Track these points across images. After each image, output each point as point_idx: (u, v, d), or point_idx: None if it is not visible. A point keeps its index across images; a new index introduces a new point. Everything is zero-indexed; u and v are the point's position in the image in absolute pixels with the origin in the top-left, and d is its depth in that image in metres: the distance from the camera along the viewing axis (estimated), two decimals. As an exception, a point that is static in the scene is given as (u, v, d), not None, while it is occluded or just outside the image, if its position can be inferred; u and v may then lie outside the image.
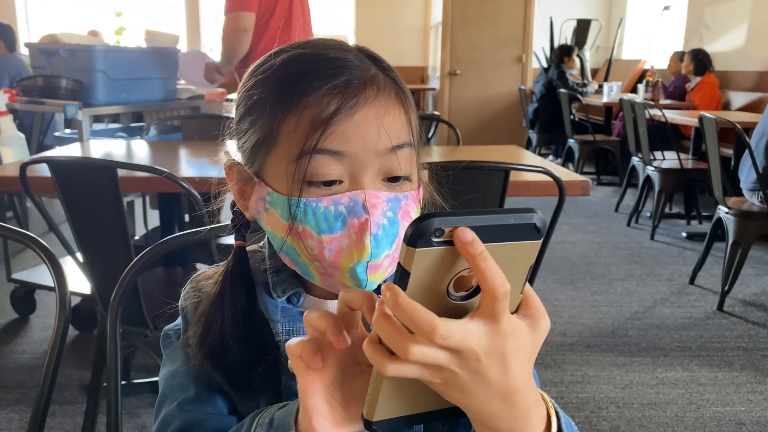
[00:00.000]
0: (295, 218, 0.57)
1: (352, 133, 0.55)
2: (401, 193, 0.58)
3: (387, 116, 0.56)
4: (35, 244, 0.92)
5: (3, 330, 2.61)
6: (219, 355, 0.62)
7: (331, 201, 0.56)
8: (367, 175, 0.57)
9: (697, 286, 3.16)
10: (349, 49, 0.59)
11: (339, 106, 0.55)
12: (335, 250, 0.57)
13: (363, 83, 0.56)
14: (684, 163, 3.95)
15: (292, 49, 0.59)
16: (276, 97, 0.57)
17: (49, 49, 2.80)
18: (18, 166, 1.71)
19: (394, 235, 0.57)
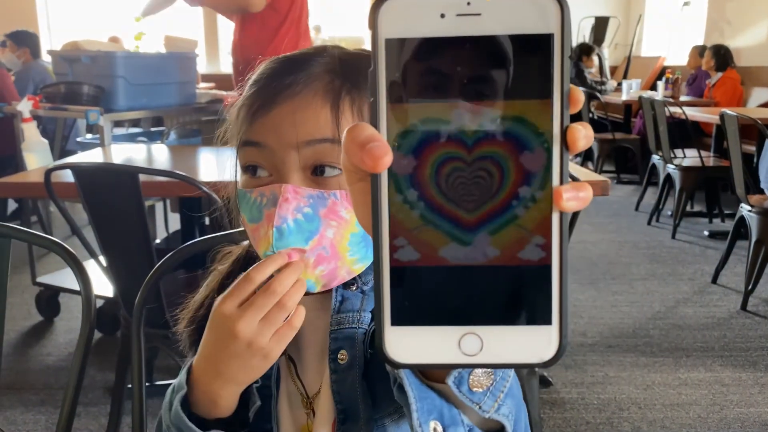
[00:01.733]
0: (240, 205, 0.62)
1: (267, 126, 0.59)
2: (328, 192, 0.59)
3: (304, 111, 0.59)
4: (61, 248, 0.94)
5: (29, 333, 2.65)
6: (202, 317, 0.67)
7: (258, 192, 0.60)
8: (289, 169, 0.59)
9: (719, 286, 3.12)
10: (320, 53, 0.62)
11: (262, 103, 0.59)
12: (257, 238, 0.61)
13: (291, 82, 0.59)
14: (705, 160, 3.90)
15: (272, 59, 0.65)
16: (240, 105, 0.63)
17: (71, 56, 2.84)
18: (42, 172, 1.75)
19: (311, 232, 0.59)
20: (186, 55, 3.18)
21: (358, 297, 0.65)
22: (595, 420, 1.99)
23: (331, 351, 0.63)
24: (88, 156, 2.36)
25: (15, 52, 4.44)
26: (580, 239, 3.87)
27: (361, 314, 0.64)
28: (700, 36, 6.23)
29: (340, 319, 0.64)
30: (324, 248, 0.59)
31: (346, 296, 0.65)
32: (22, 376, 2.27)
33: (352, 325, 0.64)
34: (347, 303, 0.65)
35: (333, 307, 0.64)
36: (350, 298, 0.65)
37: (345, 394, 0.63)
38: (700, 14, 6.36)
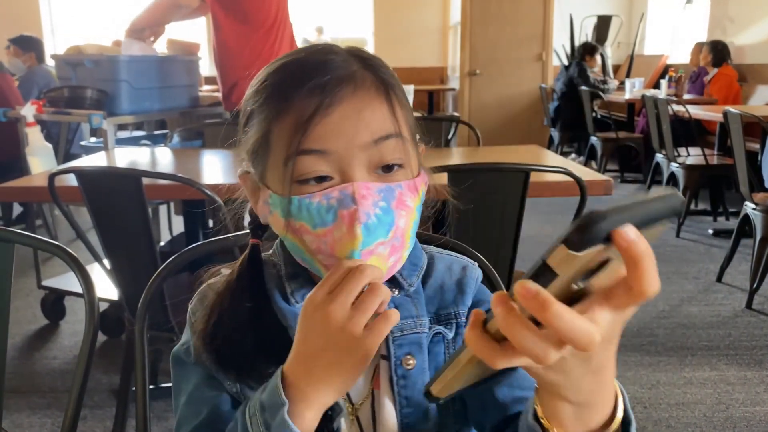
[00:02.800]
0: (291, 215, 0.59)
1: (331, 132, 0.57)
2: (394, 183, 0.60)
3: (366, 110, 0.58)
4: (64, 253, 0.95)
5: (34, 336, 2.66)
6: (219, 341, 0.63)
7: (323, 195, 0.58)
8: (355, 169, 0.58)
9: (724, 284, 3.12)
10: (334, 50, 0.61)
11: (316, 107, 0.57)
12: (329, 241, 0.59)
13: (339, 81, 0.58)
14: (709, 158, 3.89)
15: (280, 60, 0.63)
16: (262, 108, 0.61)
17: (74, 60, 2.85)
18: (46, 176, 1.75)
19: (389, 224, 0.59)
20: (189, 59, 3.19)
21: (408, 301, 0.67)
22: (600, 420, 1.98)
23: (396, 357, 0.65)
24: (92, 160, 2.36)
25: (20, 57, 4.46)
26: (584, 239, 3.86)
27: (421, 319, 0.66)
28: (703, 34, 6.21)
29: (401, 325, 0.65)
30: (397, 238, 0.60)
31: (397, 303, 0.66)
32: (27, 380, 2.28)
33: (415, 330, 0.66)
34: (402, 309, 0.66)
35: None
36: (402, 303, 0.67)
37: (414, 400, 0.64)
38: (703, 12, 6.35)
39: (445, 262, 0.72)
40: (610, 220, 0.37)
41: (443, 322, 0.69)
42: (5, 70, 4.05)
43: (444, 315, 0.69)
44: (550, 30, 7.02)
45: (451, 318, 0.69)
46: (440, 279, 0.70)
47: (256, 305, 0.65)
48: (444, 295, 0.70)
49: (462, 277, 0.71)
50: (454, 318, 0.69)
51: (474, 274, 0.72)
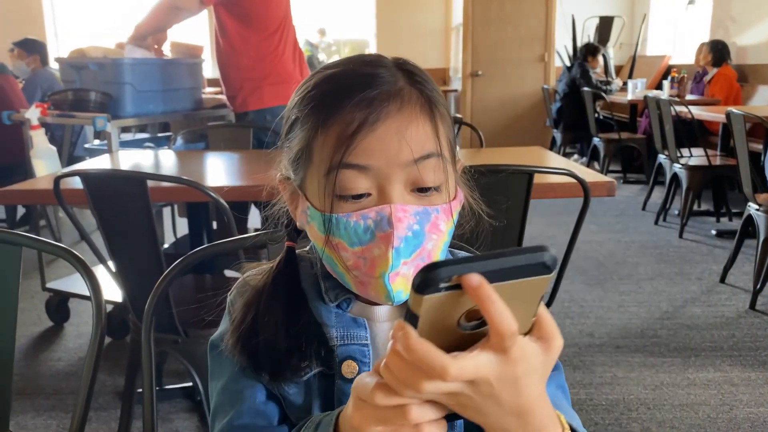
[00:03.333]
0: (330, 232, 0.60)
1: (374, 147, 0.57)
2: (431, 207, 0.60)
3: (410, 129, 0.58)
4: (71, 255, 0.95)
5: (39, 338, 2.67)
6: (253, 345, 0.64)
7: (360, 215, 0.59)
8: (394, 188, 0.59)
9: (728, 285, 3.11)
10: (383, 63, 0.61)
11: (361, 122, 0.57)
12: (369, 259, 0.60)
13: (386, 98, 0.58)
14: (712, 159, 3.89)
15: (327, 69, 0.63)
16: (308, 117, 0.61)
17: (78, 63, 2.86)
18: (51, 179, 1.76)
19: (415, 245, 0.60)
20: (192, 61, 3.20)
21: None
22: (604, 421, 1.99)
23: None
24: (96, 162, 2.37)
25: (24, 60, 4.47)
26: (587, 239, 3.87)
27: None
28: (706, 34, 6.21)
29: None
30: (422, 258, 0.61)
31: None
32: (32, 382, 2.29)
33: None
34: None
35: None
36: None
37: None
38: (705, 12, 6.34)
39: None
40: (451, 268, 0.40)
41: None
42: (9, 73, 4.06)
43: None
44: (552, 31, 7.03)
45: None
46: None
47: (291, 307, 0.66)
48: None
49: None
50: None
51: None
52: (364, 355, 0.65)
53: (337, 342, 0.65)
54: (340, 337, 0.65)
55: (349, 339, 0.65)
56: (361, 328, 0.66)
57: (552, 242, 3.87)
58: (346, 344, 0.65)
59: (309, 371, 0.64)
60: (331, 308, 0.66)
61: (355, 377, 0.63)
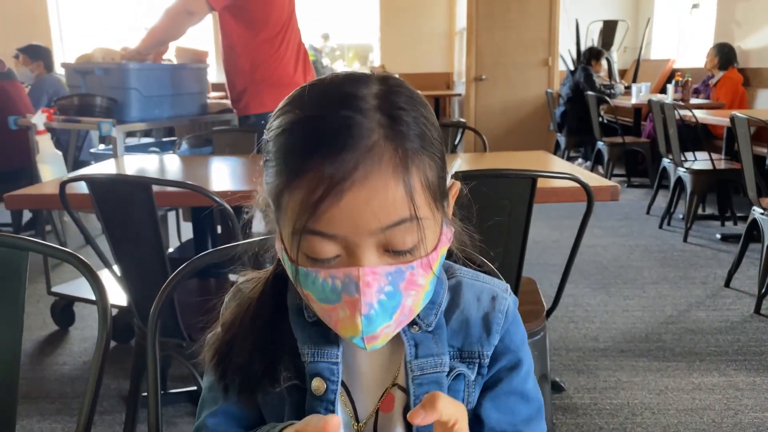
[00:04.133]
0: (298, 282, 0.59)
1: (339, 217, 0.54)
2: (405, 265, 0.57)
3: (378, 197, 0.54)
4: (77, 260, 0.96)
5: (44, 342, 2.68)
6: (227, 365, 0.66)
7: (328, 274, 0.56)
8: (364, 252, 0.56)
9: (732, 289, 3.11)
10: (361, 108, 0.55)
11: (326, 190, 0.53)
12: (334, 319, 0.59)
13: (355, 161, 0.53)
14: (716, 163, 3.88)
15: (303, 108, 0.57)
16: (279, 163, 0.57)
17: (84, 68, 2.88)
18: (57, 183, 1.77)
19: (393, 307, 0.58)
20: (197, 66, 3.21)
21: (429, 338, 0.66)
22: (608, 425, 1.98)
23: (415, 396, 0.65)
24: (102, 167, 2.39)
25: (28, 66, 4.50)
26: (591, 243, 3.86)
27: (442, 357, 0.66)
28: (710, 38, 6.20)
29: (421, 364, 0.65)
30: (404, 315, 0.60)
31: (418, 340, 0.66)
32: (38, 385, 2.30)
33: (436, 370, 0.66)
34: (423, 347, 0.66)
35: (408, 352, 0.65)
36: (423, 341, 0.66)
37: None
38: (710, 16, 6.34)
39: (474, 291, 0.70)
40: None
41: (466, 360, 0.68)
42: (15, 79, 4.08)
43: (468, 353, 0.68)
44: (555, 35, 7.03)
45: (474, 357, 0.68)
46: (467, 312, 0.68)
47: (272, 325, 0.66)
48: (470, 331, 0.68)
49: (490, 311, 0.69)
50: (478, 358, 0.68)
51: (503, 306, 0.69)
52: (332, 373, 0.65)
53: (307, 359, 0.65)
54: (311, 354, 0.65)
55: (320, 356, 0.65)
56: (334, 346, 0.65)
57: (556, 246, 3.87)
58: (316, 361, 0.65)
59: (283, 383, 0.65)
60: (307, 323, 0.66)
61: (322, 395, 0.64)
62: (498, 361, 0.69)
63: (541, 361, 1.71)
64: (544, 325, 1.71)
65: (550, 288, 2.98)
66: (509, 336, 0.69)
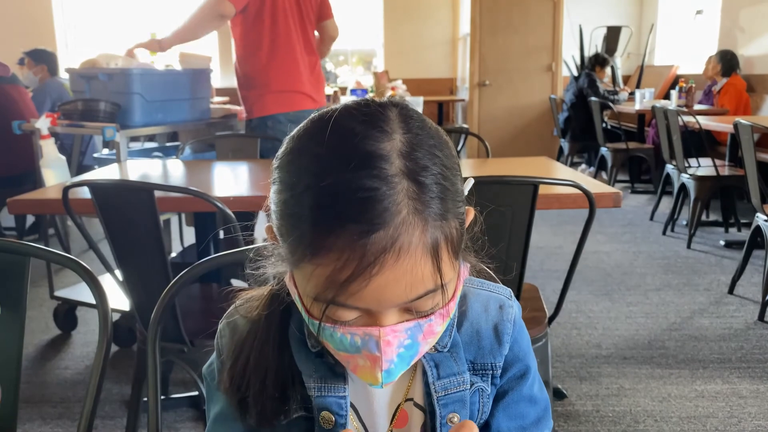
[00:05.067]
0: (316, 333, 0.58)
1: (367, 295, 0.53)
2: (424, 320, 0.57)
3: (407, 276, 0.52)
4: (77, 266, 0.96)
5: (46, 346, 2.69)
6: (245, 387, 0.64)
7: (347, 331, 0.56)
8: (386, 317, 0.55)
9: (736, 296, 3.09)
10: (382, 176, 0.51)
11: (354, 273, 0.51)
12: (353, 365, 0.59)
13: (384, 244, 0.51)
14: (720, 169, 3.88)
15: (320, 161, 0.53)
16: (299, 234, 0.54)
17: (88, 73, 2.90)
18: (60, 188, 1.78)
19: (411, 356, 0.58)
20: (201, 71, 3.22)
21: (448, 357, 0.67)
22: (611, 433, 1.98)
23: (441, 416, 0.65)
24: (105, 172, 2.39)
25: (32, 69, 4.52)
26: (594, 249, 3.86)
27: (463, 375, 0.67)
28: (714, 44, 6.20)
29: (444, 384, 0.66)
30: (420, 356, 0.61)
31: (437, 360, 0.66)
32: (39, 390, 2.30)
33: (459, 389, 0.66)
34: (444, 367, 0.66)
35: (430, 373, 0.66)
36: (442, 361, 0.66)
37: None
38: (713, 23, 6.34)
39: (481, 300, 0.70)
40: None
41: (479, 372, 0.68)
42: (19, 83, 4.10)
43: (480, 365, 0.68)
44: (559, 41, 7.04)
45: (487, 369, 0.68)
46: (477, 323, 0.69)
47: (281, 351, 0.65)
48: (481, 342, 0.68)
49: (499, 321, 0.69)
50: (491, 369, 0.68)
51: (510, 314, 0.70)
52: (341, 407, 0.64)
53: (314, 393, 0.64)
54: (318, 388, 0.64)
55: (327, 390, 0.64)
56: (340, 378, 0.65)
57: (558, 252, 3.86)
58: (323, 396, 0.64)
59: (292, 415, 0.65)
60: (311, 354, 0.65)
61: (332, 428, 0.64)
62: (508, 370, 0.70)
63: (543, 368, 1.70)
64: (546, 331, 1.71)
65: (553, 294, 2.98)
66: (518, 344, 0.70)
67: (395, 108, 0.56)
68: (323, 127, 0.55)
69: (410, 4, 7.70)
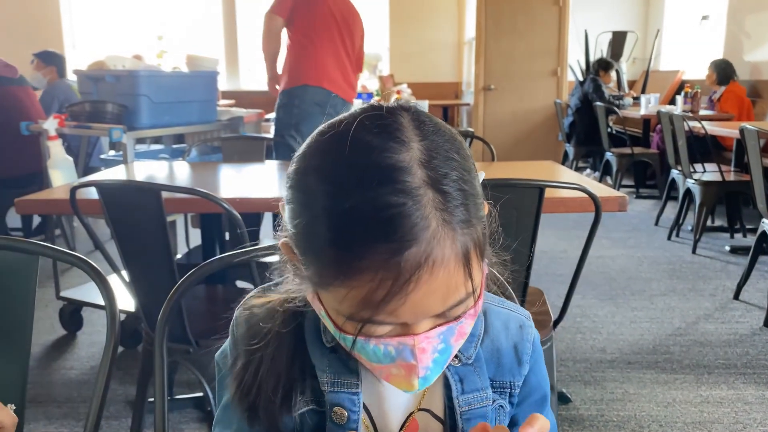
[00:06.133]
0: (347, 346, 0.57)
1: (403, 310, 0.52)
2: (455, 322, 0.56)
3: (441, 287, 0.52)
4: (87, 265, 0.97)
5: (52, 347, 2.70)
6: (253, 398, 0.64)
7: (380, 342, 0.55)
8: (419, 327, 0.55)
9: (741, 302, 3.08)
10: (407, 189, 0.50)
11: (389, 294, 0.51)
12: (385, 374, 0.58)
13: (418, 261, 0.50)
14: (725, 175, 3.87)
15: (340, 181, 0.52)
16: (325, 259, 0.53)
17: (96, 75, 2.91)
18: (67, 188, 1.79)
19: (445, 360, 0.58)
20: (207, 74, 3.24)
21: (471, 371, 0.67)
22: (615, 438, 1.97)
23: (463, 431, 0.66)
24: (112, 173, 2.40)
25: (41, 70, 4.54)
26: (599, 254, 3.85)
27: (486, 391, 0.67)
28: (720, 50, 6.19)
29: (468, 399, 0.66)
30: (451, 357, 0.60)
31: (461, 374, 0.66)
32: (45, 390, 2.30)
33: (482, 404, 0.67)
34: (468, 382, 0.66)
35: (455, 388, 0.66)
36: (466, 374, 0.67)
37: None
38: (719, 28, 6.33)
39: (501, 318, 0.70)
40: None
41: (498, 390, 0.68)
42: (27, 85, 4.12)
43: (500, 382, 0.69)
44: (564, 45, 7.04)
45: (506, 387, 0.69)
46: (497, 341, 0.69)
47: (295, 352, 0.65)
48: (501, 360, 0.69)
49: (519, 340, 0.70)
50: (509, 388, 0.69)
51: (530, 335, 0.70)
52: (353, 403, 0.64)
53: (327, 388, 0.64)
54: (331, 383, 0.64)
55: (340, 386, 0.64)
56: (353, 374, 0.64)
57: (563, 256, 3.85)
58: (336, 391, 0.64)
59: (302, 408, 0.65)
60: (326, 349, 0.64)
61: (345, 424, 0.64)
62: (529, 396, 0.70)
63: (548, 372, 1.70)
64: (551, 335, 1.71)
65: (557, 298, 2.97)
66: (538, 368, 0.71)
67: (407, 113, 0.55)
68: (337, 142, 0.53)
69: (416, 8, 7.71)
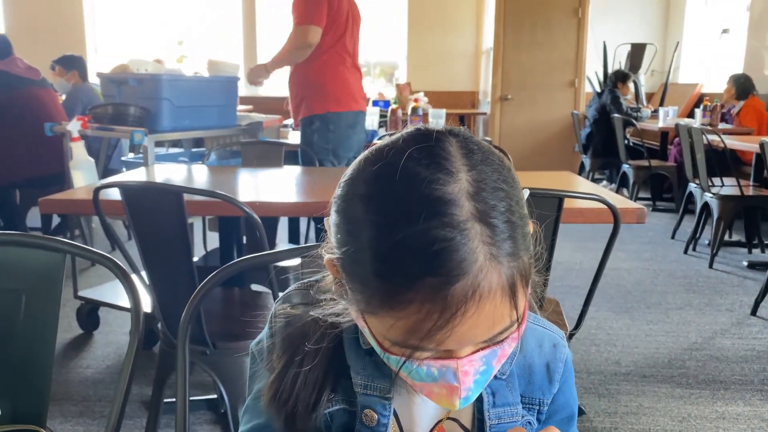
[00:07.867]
0: (392, 366, 0.58)
1: (449, 340, 0.53)
2: (498, 345, 0.57)
3: (488, 318, 0.53)
4: (114, 265, 0.99)
5: (69, 345, 2.73)
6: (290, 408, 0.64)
7: (423, 363, 0.56)
8: (463, 351, 0.56)
9: (759, 318, 3.05)
10: (454, 223, 0.50)
11: (437, 325, 0.51)
12: (427, 392, 0.59)
13: (465, 295, 0.50)
14: (744, 189, 3.84)
15: (386, 210, 0.52)
16: (372, 289, 0.53)
17: (119, 78, 2.96)
18: (89, 189, 1.82)
19: (486, 380, 0.59)
20: (228, 79, 3.27)
21: (504, 386, 0.68)
22: (629, 451, 1.96)
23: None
24: (133, 175, 2.44)
25: (64, 76, 4.61)
26: (615, 266, 3.83)
27: (516, 407, 0.68)
28: (740, 63, 6.15)
29: (499, 413, 0.67)
30: (491, 377, 0.61)
31: (494, 388, 0.67)
32: (62, 388, 2.33)
33: (512, 419, 0.67)
34: (500, 396, 0.67)
35: (487, 401, 0.67)
36: (499, 389, 0.68)
37: None
38: (740, 41, 6.29)
39: (536, 336, 0.71)
40: None
41: (527, 406, 0.69)
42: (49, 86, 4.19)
43: (529, 399, 0.69)
44: (583, 56, 7.03)
45: (535, 404, 0.70)
46: (530, 357, 0.69)
47: (333, 359, 0.65)
48: (533, 377, 0.69)
49: (551, 359, 0.70)
50: (538, 405, 0.70)
51: (563, 354, 0.71)
52: (384, 408, 0.65)
53: (359, 390, 0.65)
54: (363, 386, 0.65)
55: (372, 390, 0.65)
56: (387, 379, 0.65)
57: (578, 268, 3.84)
58: (369, 394, 0.65)
59: (334, 406, 0.66)
60: (362, 351, 0.65)
61: (374, 426, 0.65)
62: (557, 413, 0.71)
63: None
64: (566, 346, 1.70)
65: (572, 310, 2.96)
66: (568, 387, 0.71)
67: (455, 139, 0.55)
68: (385, 173, 0.53)
69: (434, 17, 7.74)
